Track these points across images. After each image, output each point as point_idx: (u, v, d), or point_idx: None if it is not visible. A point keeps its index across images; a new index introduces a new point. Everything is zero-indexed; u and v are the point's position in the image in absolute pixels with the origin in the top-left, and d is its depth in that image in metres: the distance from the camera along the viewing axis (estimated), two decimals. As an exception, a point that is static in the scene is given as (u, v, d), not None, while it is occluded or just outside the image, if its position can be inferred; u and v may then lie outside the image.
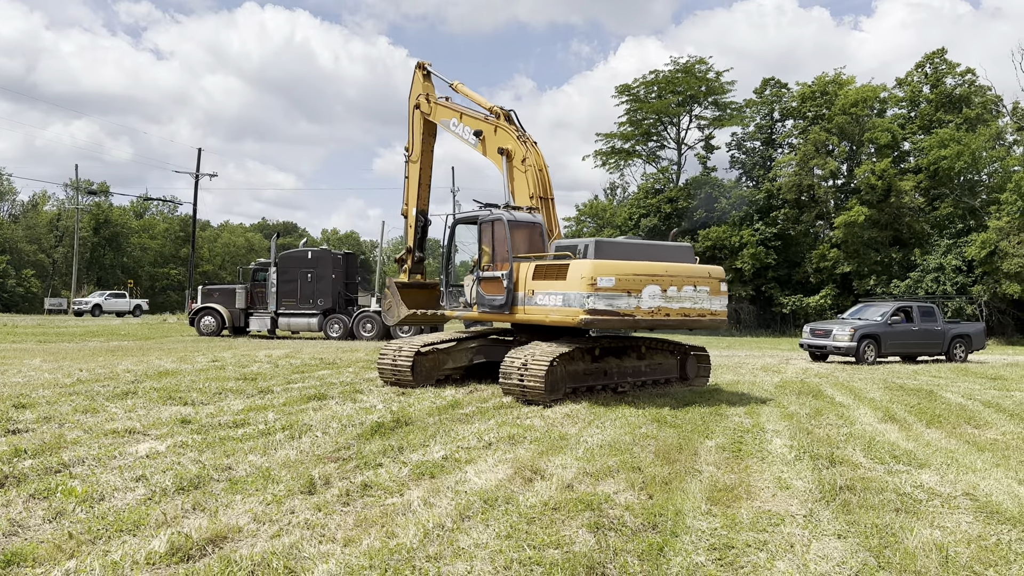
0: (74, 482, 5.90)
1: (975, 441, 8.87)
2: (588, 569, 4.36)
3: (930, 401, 12.37)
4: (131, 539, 4.68)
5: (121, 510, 5.26)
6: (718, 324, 12.14)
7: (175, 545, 4.50)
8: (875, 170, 44.12)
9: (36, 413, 8.92)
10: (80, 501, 5.41)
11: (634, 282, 11.07)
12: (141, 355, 18.57)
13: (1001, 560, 4.56)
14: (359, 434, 8.14)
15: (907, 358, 22.24)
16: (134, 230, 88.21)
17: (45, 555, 4.35)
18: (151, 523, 4.96)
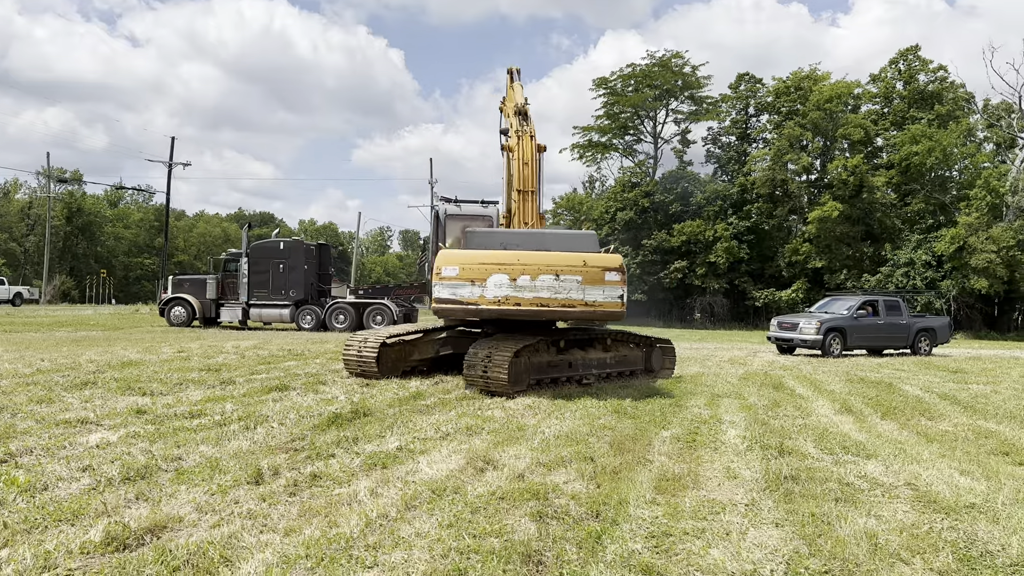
0: (18, 472, 5.86)
1: (926, 433, 9.02)
2: (524, 557, 4.40)
3: (888, 393, 12.55)
4: (68, 529, 4.65)
5: (63, 500, 5.24)
6: (600, 316, 11.34)
7: (112, 535, 4.48)
8: (848, 166, 44.58)
9: (-11, 403, 8.82)
10: (22, 491, 5.37)
11: (478, 271, 11.01)
12: (107, 345, 18.40)
13: (930, 548, 4.66)
14: (315, 425, 8.13)
15: (873, 351, 22.53)
16: (108, 219, 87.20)
17: (-23, 545, 4.32)
18: (90, 513, 4.94)
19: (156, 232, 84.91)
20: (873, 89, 49.77)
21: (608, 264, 11.12)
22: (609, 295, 11.05)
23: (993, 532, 4.96)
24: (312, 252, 30.36)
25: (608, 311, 11.13)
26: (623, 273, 11.09)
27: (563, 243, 11.82)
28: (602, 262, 11.16)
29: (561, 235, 12.35)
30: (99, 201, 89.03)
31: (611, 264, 11.13)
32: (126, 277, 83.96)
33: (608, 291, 11.06)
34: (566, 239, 12.09)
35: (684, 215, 49.59)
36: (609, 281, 11.06)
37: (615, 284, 11.08)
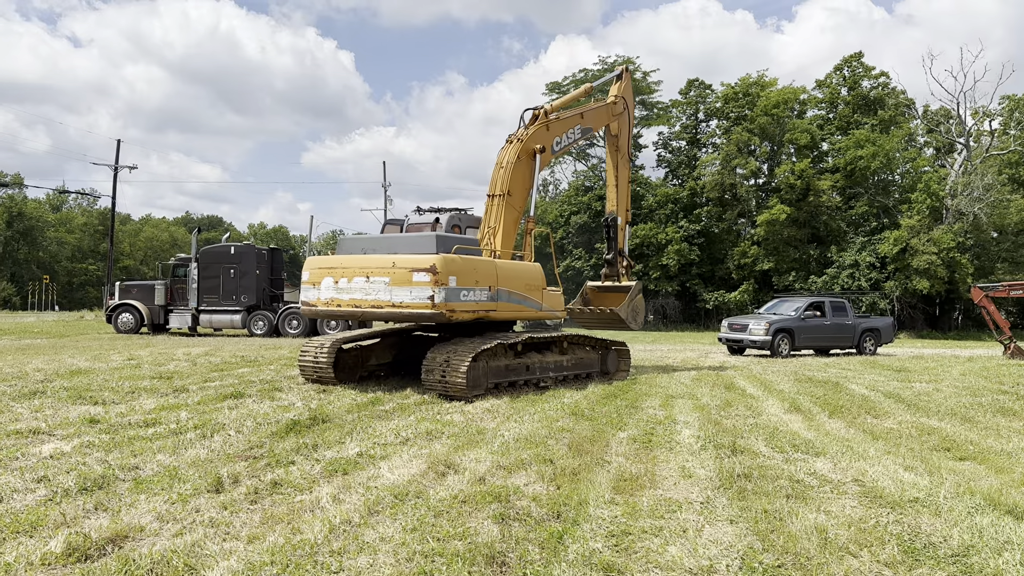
0: (-30, 485, 5.75)
1: (872, 430, 9.34)
2: (488, 558, 4.49)
3: (835, 392, 12.93)
4: (27, 540, 4.61)
5: (19, 511, 5.17)
6: (406, 316, 11.52)
7: (73, 545, 4.45)
8: (795, 170, 45.57)
9: (-66, 415, 8.61)
10: (-25, 504, 5.28)
11: (316, 275, 12.16)
12: (54, 353, 17.98)
13: (876, 541, 4.87)
14: (273, 432, 8.11)
15: (820, 351, 23.11)
16: (50, 224, 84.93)
17: (-66, 559, 4.25)
18: (49, 524, 4.90)
19: (101, 237, 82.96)
20: (819, 95, 50.98)
21: (417, 266, 11.18)
22: (417, 296, 11.11)
23: (936, 525, 5.19)
24: (264, 256, 29.98)
25: (415, 311, 11.20)
26: (434, 274, 11.02)
27: (407, 246, 12.11)
28: (411, 264, 11.23)
29: (405, 238, 12.70)
30: (41, 205, 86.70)
31: (420, 265, 11.16)
32: (70, 283, 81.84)
33: (416, 292, 11.13)
34: (408, 242, 12.33)
35: (636, 219, 50.15)
36: (417, 282, 11.13)
37: (423, 285, 11.08)
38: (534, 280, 12.96)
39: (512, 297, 12.35)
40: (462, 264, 11.44)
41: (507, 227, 13.28)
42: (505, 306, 12.26)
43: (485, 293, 11.82)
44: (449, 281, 11.10)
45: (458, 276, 11.26)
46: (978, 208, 41.50)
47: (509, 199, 13.46)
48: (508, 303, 12.29)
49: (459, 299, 11.27)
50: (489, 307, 11.91)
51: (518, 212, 13.73)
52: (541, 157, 13.97)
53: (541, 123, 14.23)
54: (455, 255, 11.41)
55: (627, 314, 16.19)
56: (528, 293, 12.74)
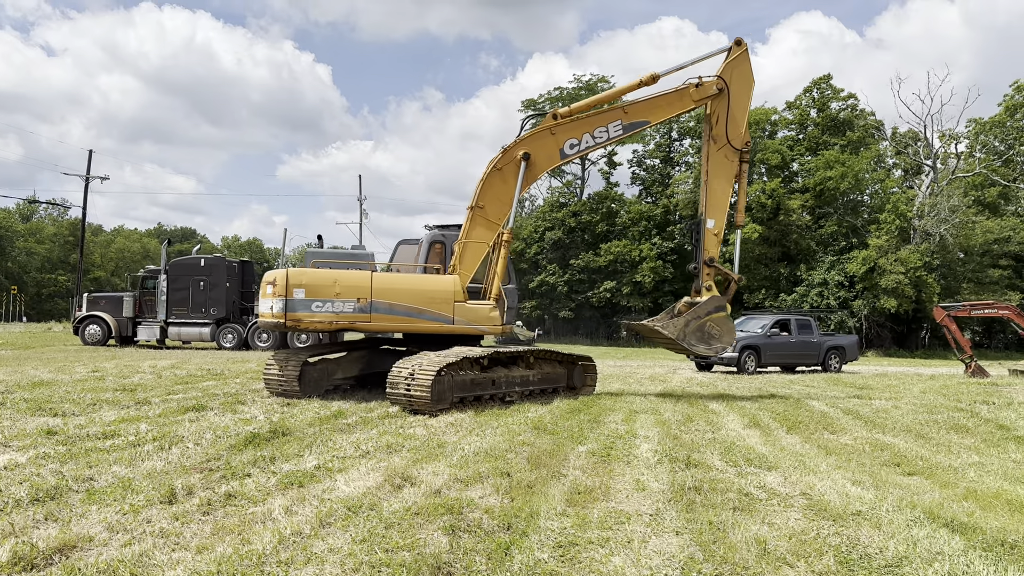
0: (-81, 495, 5.72)
1: (827, 446, 9.51)
2: (434, 569, 4.55)
3: (795, 409, 13.13)
4: (-27, 550, 4.60)
5: (-33, 522, 5.15)
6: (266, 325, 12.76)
7: (19, 555, 4.46)
8: (766, 189, 46.22)
9: None
10: (-77, 514, 5.26)
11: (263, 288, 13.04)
12: (17, 365, 17.79)
13: (814, 552, 5.00)
14: (232, 445, 8.11)
15: (786, 368, 23.43)
16: (20, 233, 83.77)
17: None
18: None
19: (71, 247, 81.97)
20: (789, 116, 51.85)
21: (267, 279, 12.56)
22: (268, 307, 12.41)
23: (874, 536, 5.34)
24: (234, 269, 29.87)
25: (268, 320, 12.47)
26: (275, 286, 12.20)
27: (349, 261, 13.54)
28: (268, 278, 12.60)
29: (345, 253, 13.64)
30: (10, 215, 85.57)
31: (267, 279, 12.56)
32: (39, 294, 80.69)
33: (267, 303, 12.46)
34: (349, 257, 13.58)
35: (611, 235, 50.55)
36: (268, 294, 12.41)
37: (268, 297, 12.36)
38: (439, 293, 12.93)
39: (395, 309, 12.60)
40: (311, 277, 12.42)
41: (472, 241, 13.32)
42: (383, 318, 12.60)
43: (351, 304, 12.42)
44: (294, 293, 12.08)
45: (307, 289, 12.20)
46: (944, 229, 42.34)
47: (479, 211, 13.42)
48: (389, 315, 12.62)
49: (308, 310, 12.18)
50: (358, 318, 12.49)
51: (489, 224, 13.52)
52: (529, 165, 13.54)
53: (543, 128, 13.82)
54: (305, 269, 12.90)
55: (679, 333, 13.80)
56: (427, 306, 12.81)
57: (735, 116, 14.27)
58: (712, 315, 13.95)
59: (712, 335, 13.87)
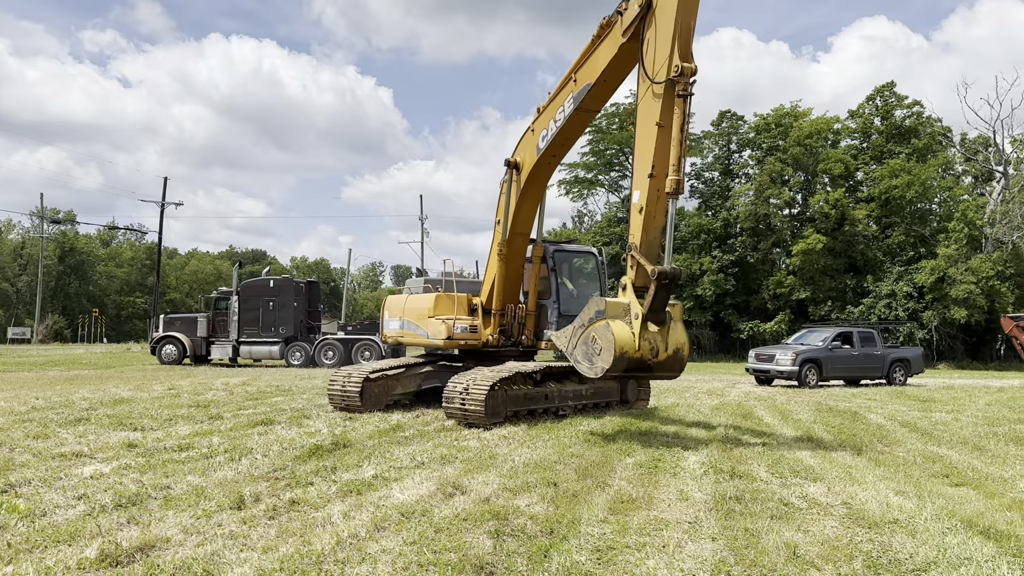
0: (19, 500, 6.32)
1: (878, 458, 9.53)
2: (477, 568, 4.89)
3: (852, 422, 13.08)
4: (66, 548, 5.12)
5: (60, 524, 5.70)
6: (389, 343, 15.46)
7: (105, 553, 4.96)
8: (829, 199, 45.51)
9: (-13, 439, 9.28)
10: (22, 517, 5.83)
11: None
12: (99, 383, 18.81)
13: (844, 557, 5.17)
14: (297, 456, 8.60)
15: (850, 382, 23.09)
16: (100, 258, 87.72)
17: (-16, 562, 4.79)
18: (86, 535, 5.41)
19: (148, 270, 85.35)
20: (852, 125, 50.97)
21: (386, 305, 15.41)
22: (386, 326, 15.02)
23: (906, 543, 5.47)
24: (301, 289, 30.88)
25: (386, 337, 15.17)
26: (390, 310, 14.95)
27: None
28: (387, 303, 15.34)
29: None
30: (92, 240, 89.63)
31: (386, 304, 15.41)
32: (118, 316, 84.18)
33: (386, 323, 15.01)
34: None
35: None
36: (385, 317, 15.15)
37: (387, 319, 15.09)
38: (421, 310, 14.17)
39: (409, 326, 14.39)
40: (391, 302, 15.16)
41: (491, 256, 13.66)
42: (408, 334, 14.40)
43: (396, 323, 14.58)
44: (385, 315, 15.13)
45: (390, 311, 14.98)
46: (1017, 237, 41.02)
47: (497, 227, 13.48)
48: (410, 331, 14.34)
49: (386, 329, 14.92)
50: (397, 335, 14.64)
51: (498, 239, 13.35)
52: (516, 172, 12.96)
53: (527, 128, 12.89)
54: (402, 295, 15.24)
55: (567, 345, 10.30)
56: (418, 322, 14.09)
57: (662, 33, 9.86)
58: (594, 323, 10.12)
59: (593, 350, 10.02)
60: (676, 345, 9.79)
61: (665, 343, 9.70)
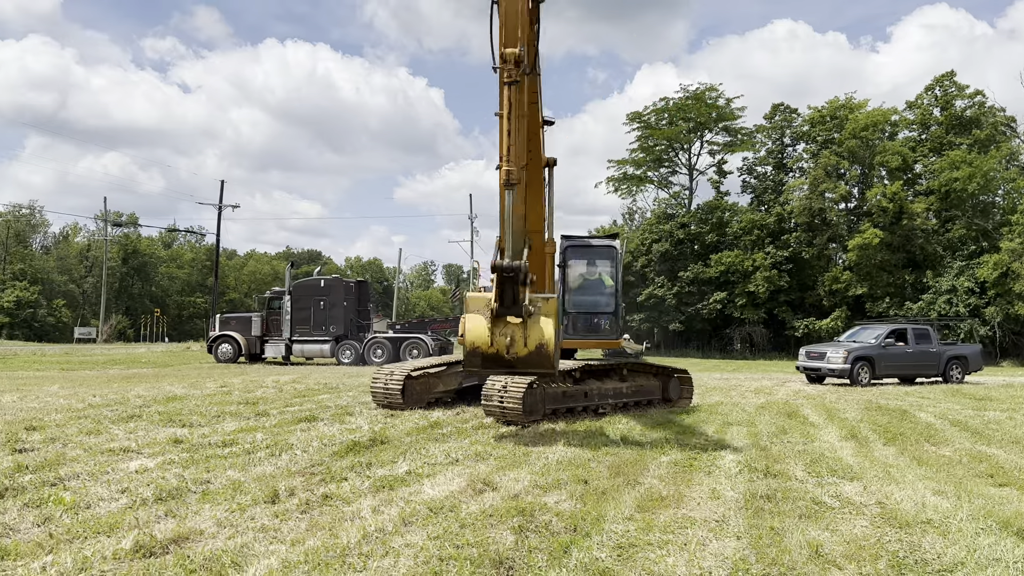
0: (65, 493, 6.59)
1: (922, 457, 9.31)
2: (496, 563, 4.95)
3: (900, 421, 12.78)
4: (105, 539, 5.33)
5: (101, 516, 5.93)
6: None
7: (140, 544, 5.15)
8: (887, 193, 44.41)
9: (44, 435, 9.67)
10: (67, 509, 6.09)
11: None
12: (155, 381, 19.41)
13: (869, 556, 5.09)
14: (335, 452, 8.78)
15: (904, 380, 22.52)
16: (162, 260, 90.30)
17: (27, 551, 5.03)
18: (124, 527, 5.63)
19: (208, 271, 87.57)
20: (910, 116, 49.62)
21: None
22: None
23: (936, 543, 5.36)
24: (351, 289, 31.37)
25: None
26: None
27: None
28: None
29: None
30: (154, 243, 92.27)
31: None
32: (179, 315, 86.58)
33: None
34: None
35: (721, 245, 49.74)
36: None
37: None
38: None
39: None
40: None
41: None
42: None
43: None
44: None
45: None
46: (1086, 229, 39.47)
47: None
48: None
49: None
50: None
51: None
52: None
53: None
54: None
55: None
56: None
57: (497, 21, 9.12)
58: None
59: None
60: (538, 340, 9.33)
61: (524, 338, 9.35)
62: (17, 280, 71.42)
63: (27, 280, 71.71)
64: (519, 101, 9.12)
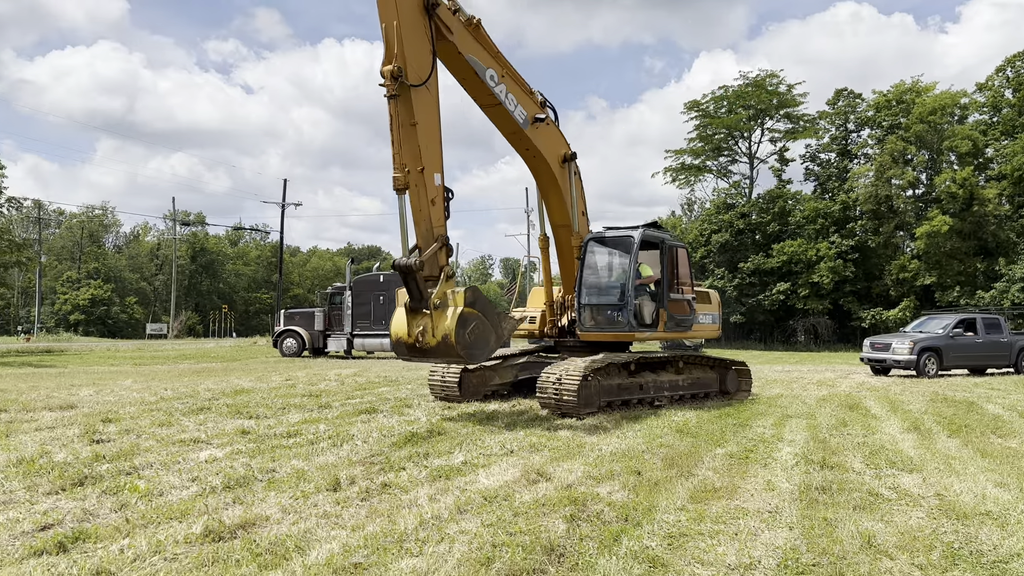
0: (140, 482, 6.95)
1: (986, 449, 9.11)
2: (547, 549, 5.08)
3: (966, 412, 12.48)
4: (177, 525, 5.63)
5: (174, 503, 6.25)
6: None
7: (210, 529, 5.43)
8: (956, 179, 43.01)
9: (120, 426, 10.16)
10: (142, 496, 6.43)
11: None
12: (224, 375, 20.06)
13: (923, 547, 5.06)
14: (393, 443, 9.03)
15: (974, 371, 21.88)
16: (229, 257, 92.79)
17: (106, 535, 5.35)
18: (195, 513, 5.93)
19: (272, 268, 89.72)
20: (980, 98, 47.89)
21: None
22: None
23: (993, 535, 5.30)
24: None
25: None
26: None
27: None
28: None
29: None
30: (221, 241, 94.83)
31: None
32: (246, 311, 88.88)
33: None
34: None
35: (783, 235, 48.85)
36: None
37: None
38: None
39: None
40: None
41: None
42: None
43: None
44: None
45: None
46: None
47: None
48: None
49: None
50: None
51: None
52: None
53: None
54: None
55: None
56: None
57: None
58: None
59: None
60: (442, 332, 9.97)
61: (432, 330, 10.06)
62: (92, 279, 74.31)
63: (101, 278, 74.53)
64: (398, 113, 10.09)
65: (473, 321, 10.24)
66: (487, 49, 11.86)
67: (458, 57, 11.36)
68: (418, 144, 10.17)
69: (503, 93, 11.99)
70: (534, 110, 12.61)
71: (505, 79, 12.06)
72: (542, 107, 12.91)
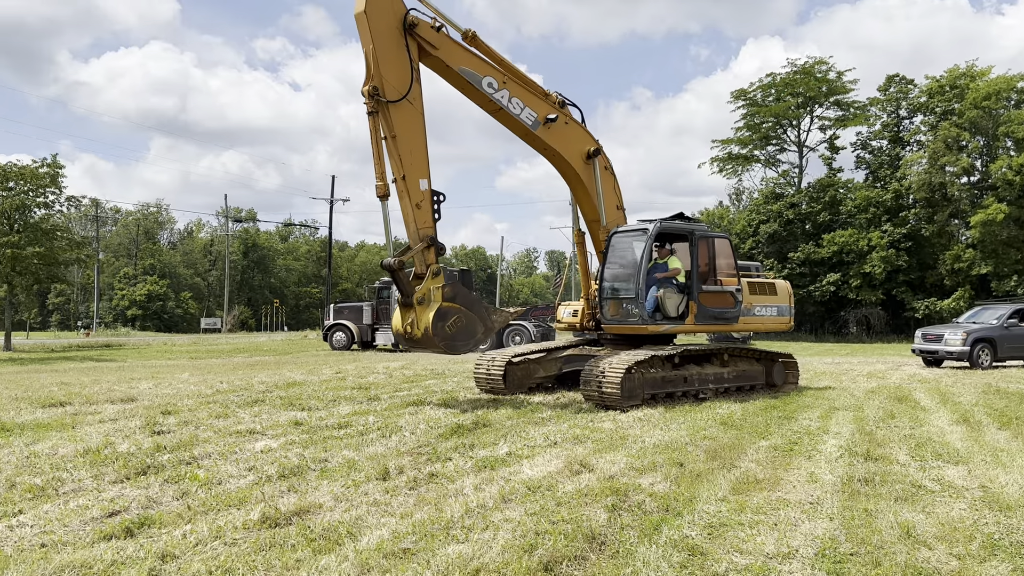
0: (199, 471, 7.29)
1: (1038, 442, 9.00)
2: (589, 538, 5.23)
3: (1019, 404, 12.27)
4: (235, 512, 5.92)
5: (232, 492, 6.56)
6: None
7: (266, 516, 5.70)
8: (1013, 165, 41.79)
9: (179, 418, 10.58)
10: (202, 485, 6.75)
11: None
12: (276, 368, 20.59)
13: (963, 537, 5.09)
14: (440, 434, 9.26)
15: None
16: (279, 252, 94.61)
17: (169, 521, 5.66)
18: (252, 501, 6.22)
19: (322, 263, 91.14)
20: (1039, 81, 46.34)
21: None
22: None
23: (1036, 527, 5.29)
24: (455, 277, 32.02)
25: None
26: None
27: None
28: None
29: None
30: (272, 236, 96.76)
31: None
32: (297, 305, 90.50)
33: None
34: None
35: (834, 224, 48.04)
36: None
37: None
38: None
39: None
40: None
41: None
42: None
43: None
44: None
45: None
46: None
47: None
48: None
49: None
50: None
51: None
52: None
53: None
54: None
55: None
56: None
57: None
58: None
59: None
60: (424, 325, 11.18)
61: (417, 323, 11.27)
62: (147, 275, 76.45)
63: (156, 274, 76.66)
64: (377, 127, 11.35)
65: (453, 315, 11.33)
66: (484, 58, 12.57)
67: (450, 70, 12.21)
68: (399, 154, 11.29)
69: (505, 98, 12.60)
70: (546, 111, 12.97)
71: (507, 85, 12.65)
72: (560, 107, 13.16)
